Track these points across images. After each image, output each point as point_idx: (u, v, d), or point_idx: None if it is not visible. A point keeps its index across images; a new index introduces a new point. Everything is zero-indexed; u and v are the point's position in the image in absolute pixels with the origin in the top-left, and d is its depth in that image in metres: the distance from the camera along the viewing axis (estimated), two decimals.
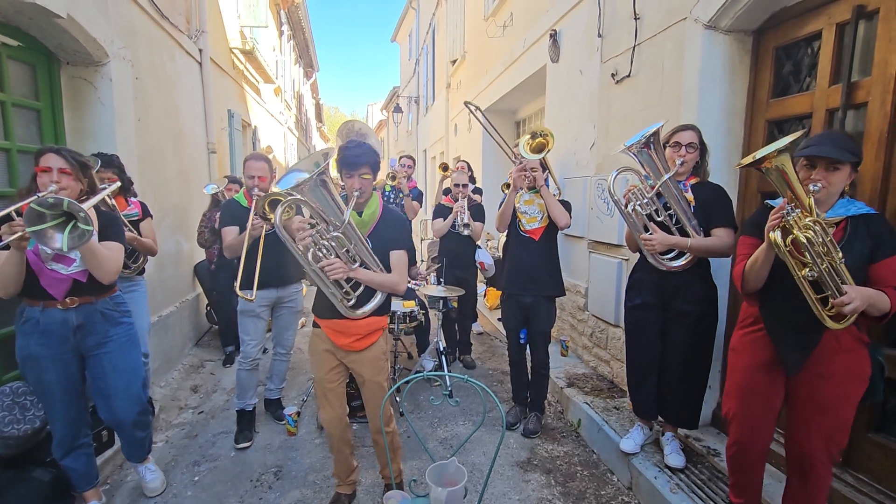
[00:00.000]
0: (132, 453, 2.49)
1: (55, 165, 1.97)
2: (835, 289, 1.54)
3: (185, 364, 4.26)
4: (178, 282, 4.41)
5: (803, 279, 1.55)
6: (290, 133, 12.91)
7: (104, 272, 2.04)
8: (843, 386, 1.66)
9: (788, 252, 1.55)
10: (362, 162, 2.03)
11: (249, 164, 2.90)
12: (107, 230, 2.14)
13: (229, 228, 2.90)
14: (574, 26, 4.11)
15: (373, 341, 2.16)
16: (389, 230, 2.14)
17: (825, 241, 1.53)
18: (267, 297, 3.01)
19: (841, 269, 1.55)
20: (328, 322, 2.14)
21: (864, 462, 2.03)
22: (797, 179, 1.55)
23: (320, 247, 1.90)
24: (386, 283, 2.08)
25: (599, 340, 3.76)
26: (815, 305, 1.56)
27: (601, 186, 3.62)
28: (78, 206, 1.72)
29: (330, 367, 2.19)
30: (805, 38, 2.31)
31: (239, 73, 7.20)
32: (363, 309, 2.08)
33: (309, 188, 1.78)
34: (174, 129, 4.44)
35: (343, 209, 1.88)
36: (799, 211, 1.54)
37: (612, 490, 2.60)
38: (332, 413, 2.21)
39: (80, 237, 1.75)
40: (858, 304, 1.50)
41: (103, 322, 2.17)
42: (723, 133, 2.63)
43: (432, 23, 11.81)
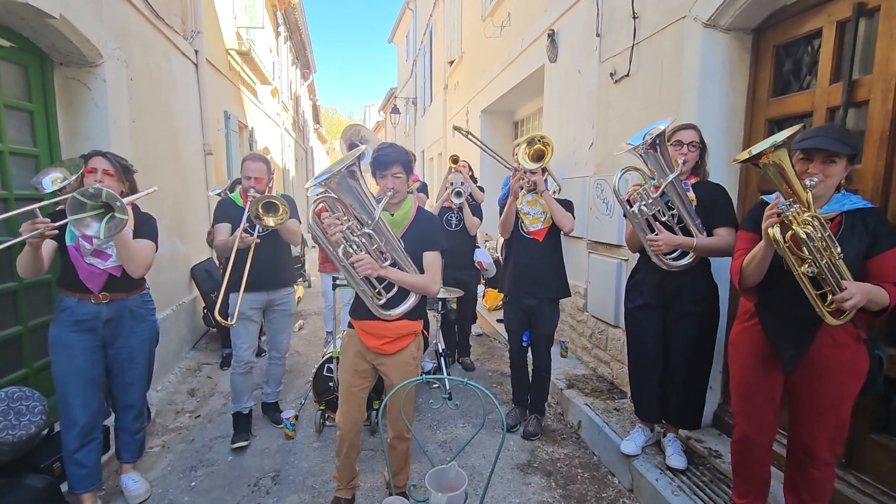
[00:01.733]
0: (127, 451, 2.51)
1: (100, 167, 2.18)
2: (834, 284, 1.53)
3: (182, 368, 4.22)
4: (174, 284, 4.37)
5: (803, 275, 1.54)
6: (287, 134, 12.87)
7: (136, 266, 2.22)
8: (842, 384, 1.66)
9: (787, 248, 1.54)
10: (392, 161, 2.02)
11: (247, 164, 2.90)
12: (141, 228, 2.32)
13: (222, 225, 2.89)
14: (572, 26, 4.10)
15: (404, 345, 2.12)
16: (423, 231, 2.12)
17: (824, 237, 1.52)
18: (257, 300, 2.98)
19: (839, 264, 1.54)
20: (360, 323, 2.12)
21: (866, 463, 2.01)
22: (795, 175, 1.54)
23: (351, 243, 1.90)
24: (418, 283, 2.05)
25: (599, 341, 3.74)
26: (815, 302, 1.55)
27: (600, 186, 3.60)
28: (115, 196, 1.90)
29: (358, 369, 2.16)
30: (805, 37, 2.30)
31: (235, 74, 7.17)
32: (395, 311, 2.05)
33: (336, 183, 1.78)
34: (170, 130, 4.41)
35: (374, 206, 1.88)
36: (797, 206, 1.53)
37: (614, 492, 2.58)
38: (351, 417, 2.18)
39: (116, 226, 1.93)
40: (859, 299, 1.49)
41: (131, 319, 2.34)
42: (723, 132, 2.62)
43: (430, 23, 11.79)
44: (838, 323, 1.56)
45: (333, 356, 3.15)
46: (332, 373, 3.20)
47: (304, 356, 4.74)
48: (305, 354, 4.79)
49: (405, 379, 2.12)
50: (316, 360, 4.34)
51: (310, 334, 5.50)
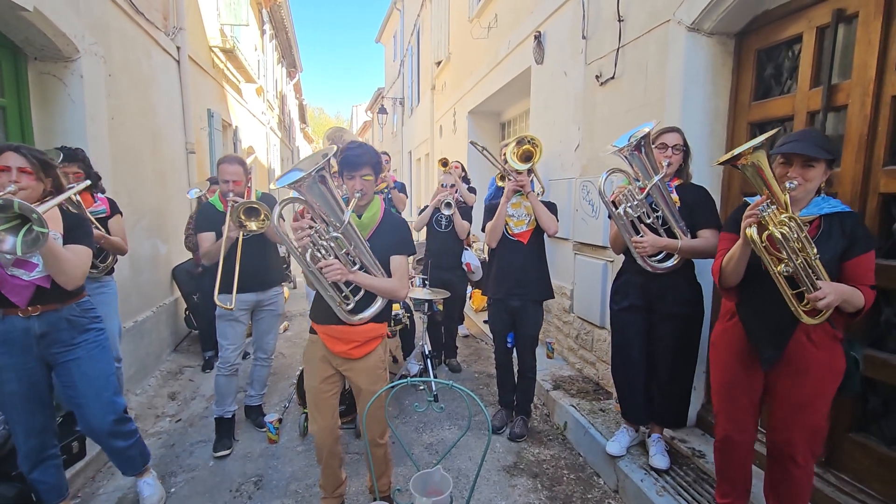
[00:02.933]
0: (123, 466, 2.37)
1: (14, 164, 1.85)
2: (809, 284, 1.55)
3: (162, 371, 4.13)
4: (154, 286, 4.28)
5: (779, 274, 1.57)
6: (272, 134, 12.73)
7: (68, 277, 1.93)
8: (819, 382, 1.68)
9: (764, 248, 1.56)
10: (363, 162, 1.97)
11: (223, 167, 2.80)
12: (73, 232, 2.03)
13: (206, 234, 2.84)
14: (558, 28, 4.11)
15: (371, 349, 2.09)
16: (391, 234, 2.08)
17: (800, 237, 1.55)
18: (246, 300, 2.94)
19: (816, 265, 1.57)
20: (325, 328, 2.05)
21: (845, 462, 2.05)
22: (773, 176, 1.57)
23: (319, 247, 1.84)
24: (386, 288, 2.01)
25: (585, 342, 3.76)
26: (791, 301, 1.58)
27: (586, 188, 3.62)
28: (30, 208, 1.60)
29: (324, 376, 2.10)
30: (786, 42, 2.33)
31: (219, 72, 7.06)
32: (362, 315, 2.01)
33: (307, 186, 1.72)
34: (150, 128, 4.32)
35: (344, 209, 1.83)
36: (774, 207, 1.55)
37: (599, 493, 2.58)
38: (323, 424, 2.12)
39: (34, 241, 1.64)
40: (832, 298, 1.52)
41: (69, 329, 2.06)
42: (706, 135, 2.65)
43: (417, 24, 11.77)
44: (814, 322, 1.59)
45: None
46: None
47: (289, 358, 4.67)
48: (290, 356, 4.72)
49: (374, 384, 2.10)
50: (300, 362, 4.29)
51: (294, 336, 5.44)
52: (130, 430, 2.32)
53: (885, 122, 1.89)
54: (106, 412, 2.18)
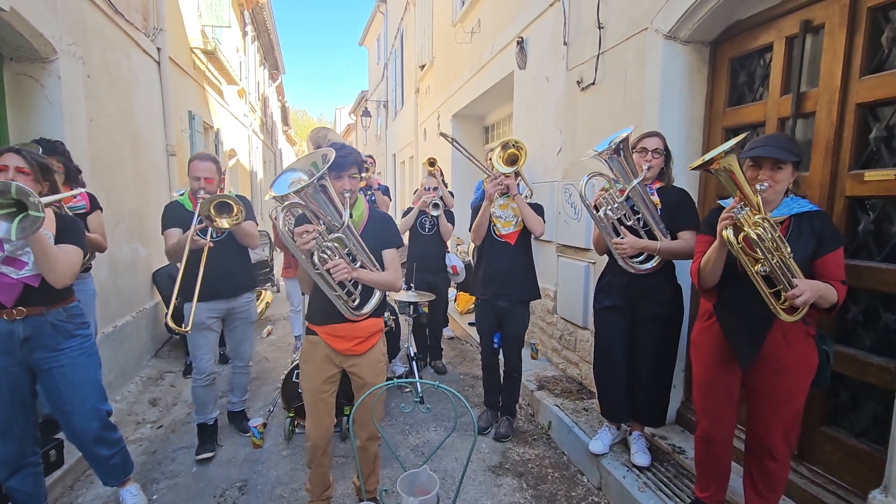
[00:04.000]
0: (105, 475, 2.32)
1: (12, 164, 1.88)
2: (786, 282, 1.61)
3: (142, 376, 4.05)
4: (134, 290, 4.21)
5: (756, 274, 1.63)
6: (255, 136, 12.59)
7: (58, 275, 1.91)
8: (794, 379, 1.74)
9: (741, 249, 1.62)
10: (350, 162, 2.02)
11: (195, 164, 2.69)
12: (65, 233, 2.03)
13: (171, 231, 2.68)
14: (540, 34, 4.18)
15: (374, 343, 2.16)
16: (379, 229, 2.15)
17: (774, 237, 1.61)
18: (216, 308, 2.83)
19: (790, 263, 1.63)
20: (326, 328, 2.09)
21: (817, 455, 2.13)
22: (745, 179, 1.64)
23: (323, 249, 1.88)
24: (384, 281, 2.08)
25: (568, 343, 3.81)
26: (769, 299, 1.63)
27: (568, 191, 3.68)
28: (28, 190, 1.64)
29: (326, 376, 2.13)
30: (758, 50, 2.42)
31: (200, 73, 6.98)
32: (364, 309, 2.08)
33: (311, 193, 1.75)
34: (130, 130, 4.25)
35: (341, 210, 1.87)
36: (748, 209, 1.62)
37: (583, 491, 2.63)
38: (322, 424, 2.15)
39: (30, 225, 1.66)
40: (809, 295, 1.58)
41: (54, 334, 2.02)
42: (683, 140, 2.73)
43: (400, 27, 11.80)
44: (792, 319, 1.65)
45: None
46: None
47: (273, 362, 4.63)
48: (274, 360, 4.68)
49: (378, 376, 2.16)
50: (285, 366, 4.25)
51: (279, 340, 5.39)
52: (115, 439, 2.29)
53: (850, 129, 1.98)
54: (91, 419, 2.14)
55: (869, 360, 1.92)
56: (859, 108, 1.96)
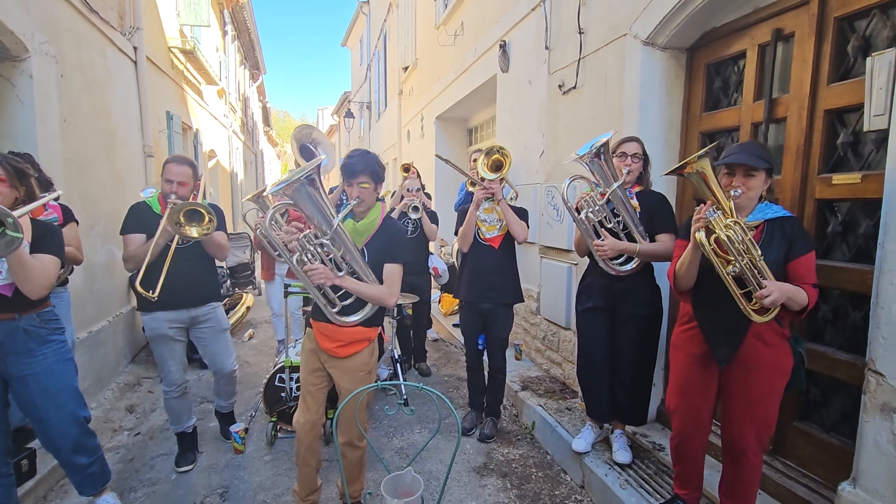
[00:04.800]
0: (81, 485, 2.24)
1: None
2: (756, 284, 1.67)
3: (119, 382, 3.96)
4: (110, 294, 4.11)
5: (727, 275, 1.68)
6: (235, 137, 12.41)
7: (33, 286, 1.86)
8: (768, 379, 1.79)
9: (713, 251, 1.68)
10: (359, 170, 2.03)
11: (169, 167, 2.56)
12: (42, 241, 1.96)
13: (133, 237, 2.54)
14: (523, 38, 4.23)
15: (356, 350, 2.12)
16: (386, 242, 2.12)
17: (744, 240, 1.67)
18: (178, 318, 2.66)
19: (761, 265, 1.68)
20: (318, 324, 2.13)
21: (790, 449, 2.20)
22: (717, 183, 1.70)
23: (307, 252, 1.90)
24: (374, 295, 2.05)
25: (552, 343, 3.85)
26: (740, 300, 1.69)
27: (551, 193, 3.73)
28: (6, 212, 1.61)
29: (312, 368, 2.18)
30: (732, 57, 2.50)
31: (179, 73, 6.85)
32: (351, 318, 2.06)
33: (294, 191, 1.75)
34: (106, 130, 4.15)
35: (334, 215, 1.87)
36: (720, 213, 1.67)
37: (566, 490, 2.66)
38: (307, 417, 2.16)
39: (7, 245, 1.63)
40: (777, 296, 1.63)
41: (26, 340, 1.97)
42: (661, 144, 2.79)
43: (383, 29, 11.77)
44: (763, 320, 1.70)
45: (286, 366, 3.06)
46: (283, 383, 3.11)
47: (255, 366, 4.57)
48: (256, 364, 4.62)
49: (356, 385, 2.13)
50: (267, 370, 4.20)
51: (260, 344, 5.32)
52: (94, 446, 2.23)
53: (819, 134, 2.05)
54: (69, 427, 2.09)
55: (838, 357, 1.99)
56: (827, 114, 2.03)
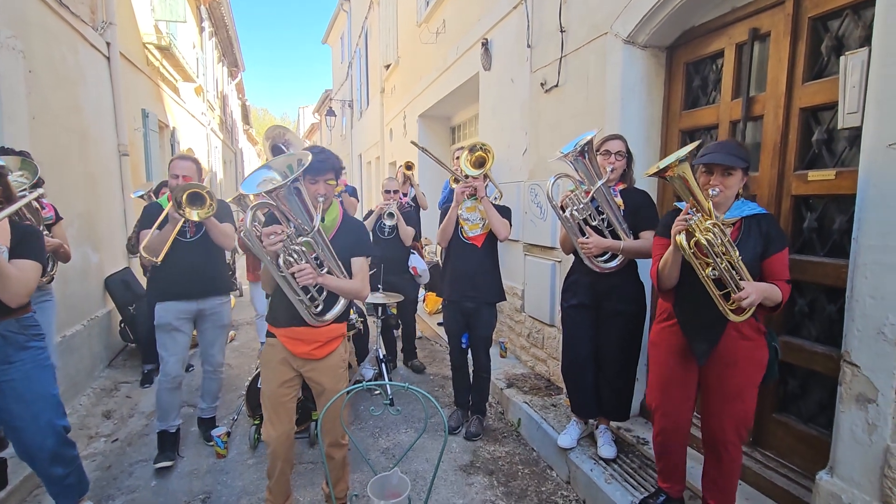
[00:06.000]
0: (57, 495, 2.16)
1: None
2: (734, 285, 1.70)
3: (95, 388, 3.85)
4: (85, 297, 3.99)
5: (707, 277, 1.71)
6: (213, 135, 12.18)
7: (12, 295, 1.79)
8: (746, 373, 1.83)
9: (693, 254, 1.70)
10: (327, 167, 2.00)
11: (175, 163, 2.74)
12: (22, 245, 1.86)
13: (146, 232, 2.69)
14: (505, 36, 4.23)
15: (333, 348, 2.12)
16: (351, 236, 2.12)
17: (724, 242, 1.69)
18: (186, 309, 2.80)
19: (739, 266, 1.71)
20: (285, 330, 2.05)
21: (769, 440, 2.25)
22: (697, 186, 1.72)
23: (290, 252, 1.84)
24: (350, 289, 2.05)
25: (536, 340, 3.87)
26: (719, 301, 1.72)
27: (534, 191, 3.74)
28: None
29: (284, 379, 2.09)
30: (710, 56, 2.54)
31: (154, 70, 6.69)
32: (327, 316, 2.04)
33: (284, 194, 1.72)
34: (78, 128, 4.03)
35: (313, 214, 1.84)
36: (700, 215, 1.70)
37: (552, 485, 2.68)
38: (282, 429, 2.09)
39: None
40: (755, 297, 1.66)
41: (4, 346, 1.90)
42: (643, 142, 2.82)
43: (365, 26, 11.67)
44: (740, 319, 1.73)
45: None
46: None
47: (237, 369, 4.49)
48: (237, 367, 4.54)
49: (337, 382, 2.13)
50: (249, 372, 4.13)
51: (242, 346, 5.23)
52: (72, 456, 2.15)
53: (795, 132, 2.10)
54: (45, 436, 2.01)
55: (815, 350, 2.04)
56: (803, 112, 2.08)
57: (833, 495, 1.69)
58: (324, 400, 2.15)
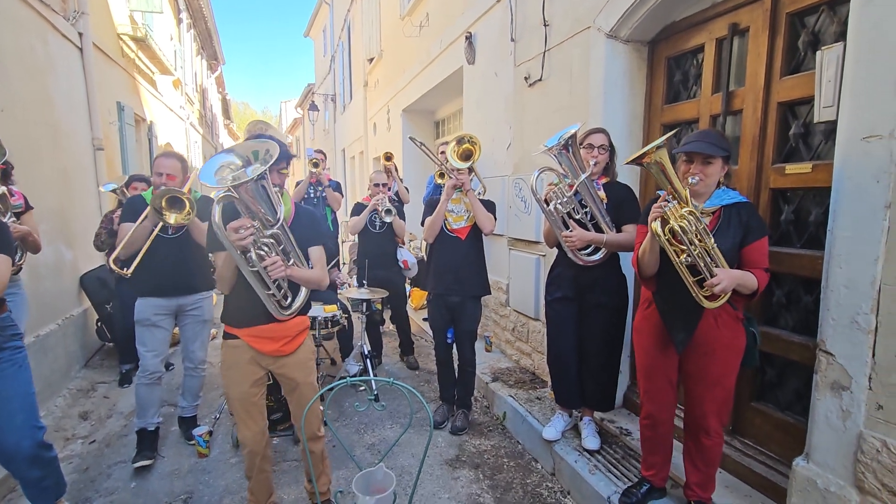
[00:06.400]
0: (35, 498, 2.11)
1: None
2: (707, 272, 1.73)
3: (71, 389, 3.75)
4: (59, 296, 3.87)
5: (681, 264, 1.73)
6: (193, 130, 11.92)
7: None
8: (724, 360, 1.87)
9: (668, 240, 1.72)
10: (282, 157, 1.93)
11: (160, 160, 2.69)
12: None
13: (126, 224, 2.63)
14: (489, 29, 4.21)
15: (301, 341, 2.12)
16: (305, 226, 2.10)
17: (698, 230, 1.72)
18: (165, 305, 2.78)
19: (714, 253, 1.74)
20: (250, 330, 2.00)
21: (748, 429, 2.30)
22: (674, 173, 1.74)
23: (260, 246, 1.79)
24: (313, 278, 2.03)
25: (521, 334, 3.89)
26: (693, 287, 1.75)
27: (519, 185, 3.75)
28: None
29: (254, 379, 2.05)
30: (691, 51, 2.56)
31: (130, 62, 6.51)
32: (291, 309, 2.01)
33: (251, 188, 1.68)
34: (49, 121, 3.90)
35: (277, 206, 1.80)
36: (675, 202, 1.72)
37: (537, 478, 2.70)
38: (257, 428, 2.07)
39: None
40: (726, 283, 1.70)
41: None
42: (625, 136, 2.84)
43: (347, 19, 11.53)
44: (713, 306, 1.77)
45: None
46: None
47: (217, 367, 4.40)
48: (218, 365, 4.45)
49: (309, 374, 2.14)
50: None
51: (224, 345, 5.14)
52: (50, 458, 2.09)
53: (773, 126, 2.13)
54: (22, 437, 1.96)
55: (792, 339, 2.08)
56: (780, 107, 2.11)
57: (809, 480, 1.73)
58: (298, 394, 2.13)
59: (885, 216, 1.51)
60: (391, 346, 4.78)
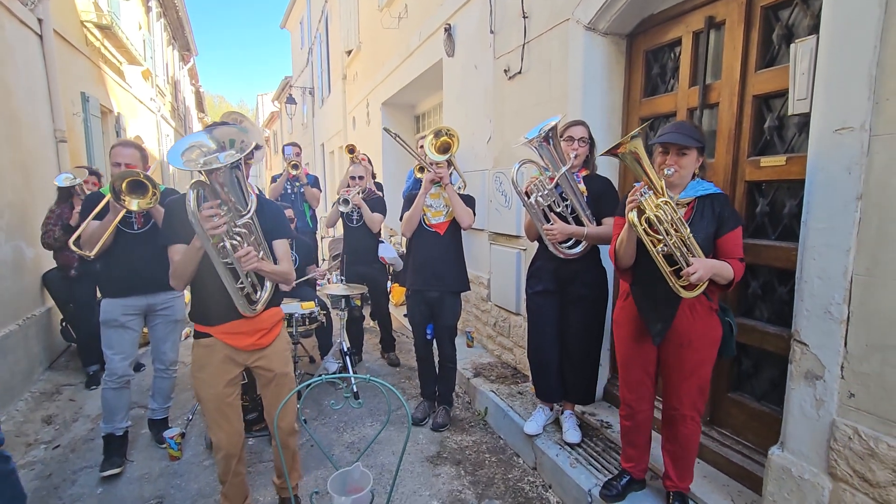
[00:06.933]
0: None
1: None
2: (683, 262, 1.74)
3: (34, 392, 3.59)
4: (19, 295, 3.69)
5: (658, 254, 1.74)
6: (164, 122, 11.56)
7: None
8: (700, 351, 1.88)
9: (644, 231, 1.73)
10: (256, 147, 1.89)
11: (116, 150, 2.54)
12: None
13: (95, 222, 2.52)
14: (468, 21, 4.17)
15: (278, 332, 2.09)
16: (269, 220, 2.02)
17: (674, 219, 1.73)
18: (134, 304, 2.66)
19: (690, 243, 1.75)
20: (223, 327, 1.92)
21: (725, 419, 2.32)
22: (649, 164, 1.75)
23: (233, 235, 1.71)
24: (281, 272, 1.98)
25: (502, 329, 3.88)
26: (669, 277, 1.75)
27: (499, 179, 3.72)
28: None
29: (229, 378, 1.98)
30: (669, 44, 2.56)
31: (95, 51, 6.24)
32: (260, 304, 1.94)
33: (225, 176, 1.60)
34: (6, 112, 3.70)
35: (248, 194, 1.73)
36: (651, 193, 1.72)
37: (519, 472, 2.69)
38: (233, 429, 2.00)
39: None
40: (702, 272, 1.71)
41: None
42: (604, 128, 2.84)
43: (325, 10, 11.31)
44: (691, 295, 1.77)
45: None
46: None
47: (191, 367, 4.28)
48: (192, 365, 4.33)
49: (287, 364, 2.10)
50: None
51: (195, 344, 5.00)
52: (6, 472, 1.95)
53: (748, 119, 2.15)
54: None
55: (767, 330, 2.11)
56: (755, 100, 2.13)
57: (784, 469, 1.75)
58: (275, 385, 2.07)
59: (857, 207, 1.53)
60: (372, 342, 4.72)
